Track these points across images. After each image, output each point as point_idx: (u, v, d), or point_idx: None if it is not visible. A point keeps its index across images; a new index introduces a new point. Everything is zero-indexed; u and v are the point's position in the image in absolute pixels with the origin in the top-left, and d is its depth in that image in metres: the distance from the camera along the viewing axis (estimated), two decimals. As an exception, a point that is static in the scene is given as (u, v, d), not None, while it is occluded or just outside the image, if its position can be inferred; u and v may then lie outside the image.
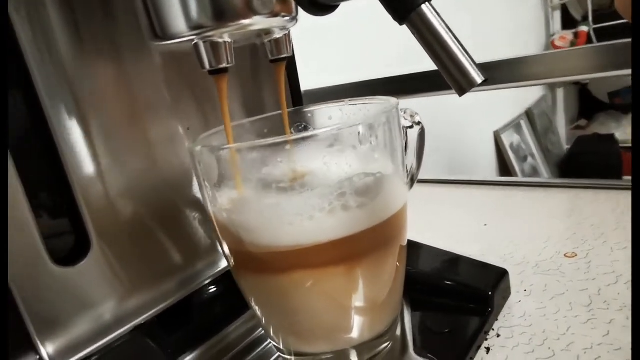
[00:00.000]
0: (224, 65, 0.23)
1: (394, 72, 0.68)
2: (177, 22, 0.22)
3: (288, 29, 0.27)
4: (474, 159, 1.55)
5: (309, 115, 0.32)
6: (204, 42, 0.22)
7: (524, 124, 1.78)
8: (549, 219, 0.44)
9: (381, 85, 0.71)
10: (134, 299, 0.29)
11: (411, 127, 0.33)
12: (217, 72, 0.23)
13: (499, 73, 0.63)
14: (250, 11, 0.23)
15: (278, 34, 0.26)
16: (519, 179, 0.57)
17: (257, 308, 0.26)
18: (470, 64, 0.36)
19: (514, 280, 0.35)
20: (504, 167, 1.63)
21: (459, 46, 0.37)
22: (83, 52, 0.27)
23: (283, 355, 0.27)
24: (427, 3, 0.35)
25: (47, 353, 0.25)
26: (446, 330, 0.29)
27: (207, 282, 0.33)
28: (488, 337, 0.29)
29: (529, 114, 1.83)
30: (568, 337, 0.27)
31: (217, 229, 0.24)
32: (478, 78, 0.36)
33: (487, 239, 0.42)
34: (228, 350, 0.31)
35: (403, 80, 0.71)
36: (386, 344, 0.27)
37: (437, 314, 0.31)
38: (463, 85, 0.36)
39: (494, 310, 0.30)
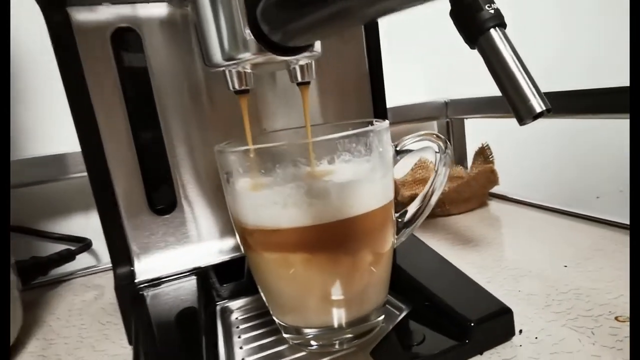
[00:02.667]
0: (244, 87, 0.31)
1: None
2: (216, 56, 0.31)
3: (311, 59, 0.32)
4: None
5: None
6: (229, 71, 0.31)
7: None
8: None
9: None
10: (200, 247, 0.40)
11: (437, 152, 0.34)
12: (239, 93, 0.31)
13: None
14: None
15: (302, 62, 0.32)
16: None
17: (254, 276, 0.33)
18: (532, 92, 0.36)
19: (537, 325, 0.32)
20: None
21: (524, 73, 0.36)
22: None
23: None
24: (496, 28, 0.36)
25: (137, 267, 0.38)
26: (413, 344, 0.30)
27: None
28: (455, 365, 0.29)
29: None
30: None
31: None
32: (538, 107, 0.35)
33: (551, 282, 0.38)
34: (260, 308, 0.39)
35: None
36: (347, 335, 0.31)
37: (420, 326, 0.32)
38: (522, 113, 0.36)
39: (473, 343, 0.30)
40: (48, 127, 0.59)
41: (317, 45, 0.30)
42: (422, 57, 0.76)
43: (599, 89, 0.52)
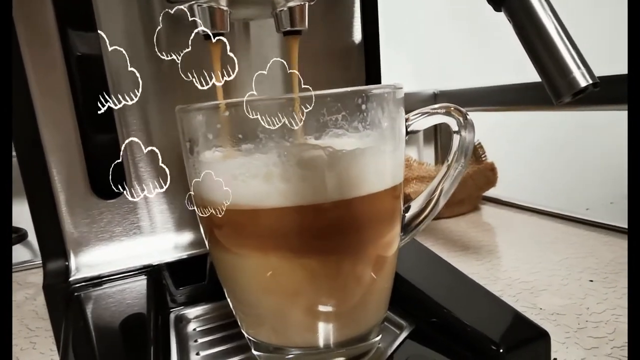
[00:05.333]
0: (218, 31, 0.24)
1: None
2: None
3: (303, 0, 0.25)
4: None
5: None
6: (198, 6, 0.23)
7: None
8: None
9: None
10: (154, 241, 0.33)
11: (457, 132, 0.27)
12: (211, 38, 0.24)
13: None
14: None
15: (292, 3, 0.25)
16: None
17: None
18: (576, 62, 0.29)
19: (574, 354, 0.26)
20: None
21: (566, 39, 0.29)
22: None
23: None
24: (529, -19, 0.29)
25: (74, 263, 0.31)
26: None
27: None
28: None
29: None
30: None
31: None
32: (583, 80, 0.28)
33: (578, 299, 0.32)
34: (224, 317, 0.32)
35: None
36: (337, 358, 0.24)
37: (426, 349, 0.25)
38: (560, 88, 0.29)
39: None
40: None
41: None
42: (412, 43, 0.69)
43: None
